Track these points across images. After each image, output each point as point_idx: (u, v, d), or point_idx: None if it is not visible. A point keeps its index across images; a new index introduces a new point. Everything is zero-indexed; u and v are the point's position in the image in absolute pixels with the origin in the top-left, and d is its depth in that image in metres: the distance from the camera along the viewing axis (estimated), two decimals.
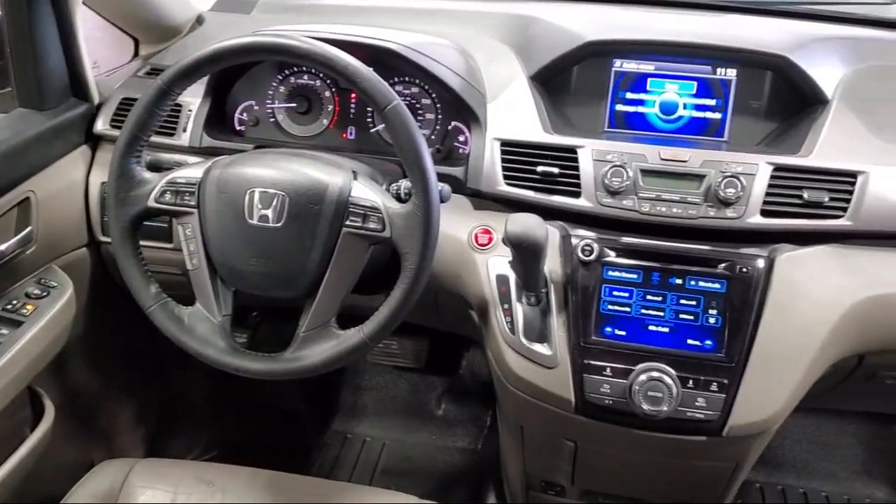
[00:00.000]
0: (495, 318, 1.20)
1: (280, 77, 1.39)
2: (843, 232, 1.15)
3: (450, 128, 1.34)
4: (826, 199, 1.14)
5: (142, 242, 1.13)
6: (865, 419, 2.10)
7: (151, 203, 1.09)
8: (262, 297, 1.10)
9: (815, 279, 1.14)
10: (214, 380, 1.86)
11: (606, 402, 1.14)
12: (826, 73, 1.25)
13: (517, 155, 1.22)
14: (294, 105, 1.38)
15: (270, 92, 1.40)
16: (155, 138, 1.19)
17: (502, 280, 1.19)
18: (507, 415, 1.41)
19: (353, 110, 1.38)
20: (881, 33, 1.43)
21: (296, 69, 1.39)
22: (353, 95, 1.38)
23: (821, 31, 1.36)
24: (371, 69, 1.02)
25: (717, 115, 1.30)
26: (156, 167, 1.14)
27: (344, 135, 1.39)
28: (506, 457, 1.58)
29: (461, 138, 1.33)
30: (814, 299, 1.13)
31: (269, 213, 1.05)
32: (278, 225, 1.05)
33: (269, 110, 1.40)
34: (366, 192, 1.05)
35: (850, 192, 1.14)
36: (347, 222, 1.04)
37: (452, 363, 2.22)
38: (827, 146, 1.17)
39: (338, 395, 2.24)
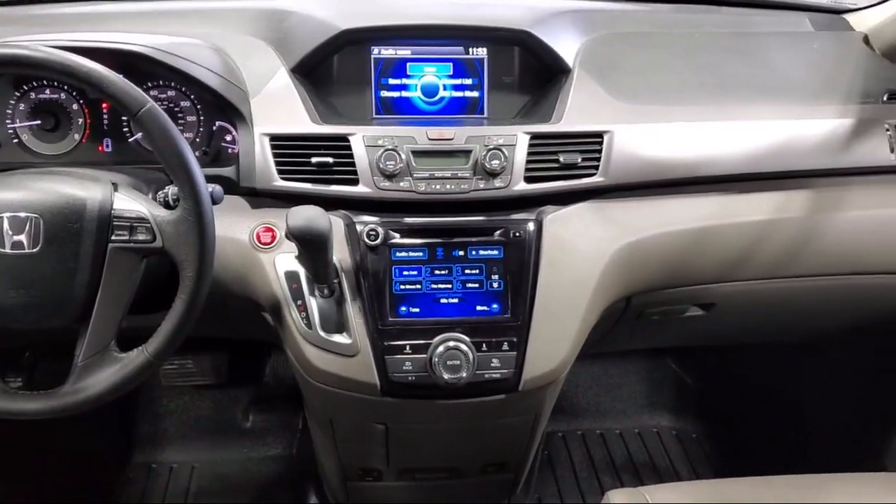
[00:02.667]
0: (290, 316, 1.18)
1: (18, 93, 1.27)
2: (598, 188, 1.26)
3: (214, 128, 1.29)
4: (579, 159, 1.24)
5: None
6: (642, 357, 2.33)
7: None
8: (31, 332, 1.01)
9: (580, 234, 1.24)
10: None
11: (410, 378, 1.17)
12: (565, 44, 1.35)
13: (289, 148, 1.20)
14: (39, 122, 1.27)
15: (9, 111, 1.27)
16: None
17: (292, 276, 1.18)
18: (315, 411, 1.40)
19: (106, 121, 1.29)
20: (609, 5, 1.57)
21: (35, 83, 1.27)
22: (105, 105, 1.29)
23: (557, 4, 1.47)
24: (118, 74, 0.96)
25: (476, 94, 1.37)
26: None
27: (100, 148, 1.29)
28: (320, 454, 1.57)
29: (228, 138, 1.29)
30: (581, 252, 1.23)
31: (23, 238, 0.96)
32: (35, 250, 0.96)
33: (11, 131, 1.27)
34: (129, 202, 0.99)
35: (599, 152, 1.25)
36: (113, 237, 0.98)
37: (255, 372, 2.16)
38: (573, 112, 1.27)
39: (136, 426, 2.10)
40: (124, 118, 1.29)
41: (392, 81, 1.36)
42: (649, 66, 1.41)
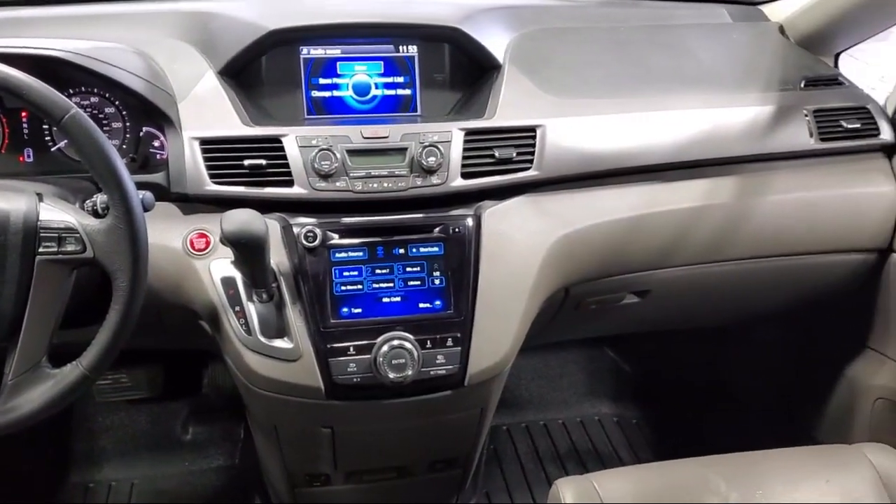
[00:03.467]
0: (228, 323, 1.16)
1: None
2: (533, 182, 1.28)
3: (142, 134, 1.26)
4: (514, 154, 1.25)
5: None
6: (581, 347, 2.37)
7: None
8: None
9: (518, 228, 1.25)
10: None
11: (355, 380, 1.16)
12: (494, 40, 1.37)
13: (220, 152, 1.18)
14: None
15: None
16: None
17: (228, 282, 1.16)
18: (258, 419, 1.37)
19: (26, 130, 1.24)
20: (536, 1, 1.59)
21: None
22: (24, 113, 1.24)
23: (485, 1, 1.48)
24: (39, 80, 0.92)
25: (408, 91, 1.37)
26: None
27: (21, 158, 1.24)
28: (265, 462, 1.54)
29: (156, 143, 1.26)
30: (519, 246, 1.24)
31: None
32: None
33: None
34: (56, 212, 0.95)
35: (533, 146, 1.27)
36: (41, 249, 0.94)
37: (193, 383, 2.11)
38: (506, 107, 1.28)
39: (70, 445, 2.02)
40: (46, 126, 1.24)
41: (323, 81, 1.34)
42: (578, 61, 1.43)
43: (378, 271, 1.19)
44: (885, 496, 1.15)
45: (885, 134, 1.47)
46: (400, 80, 1.36)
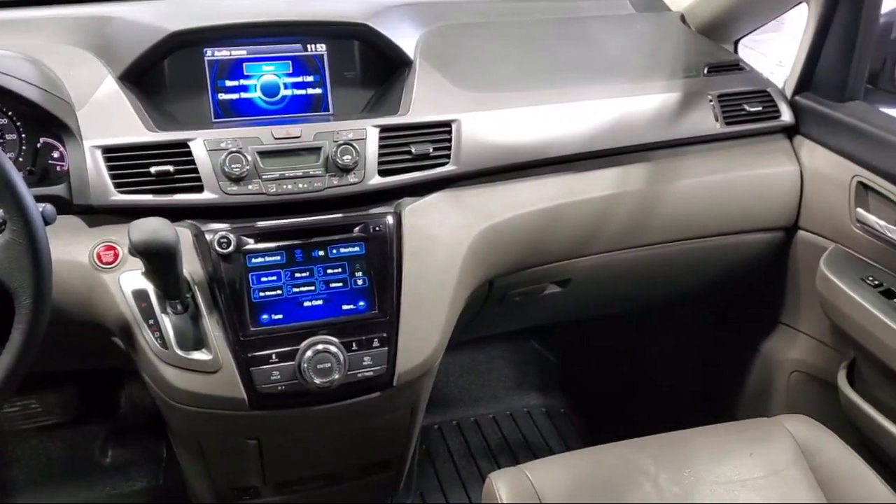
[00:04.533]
0: (142, 337, 1.11)
1: None
2: (451, 176, 1.27)
3: (39, 145, 1.19)
4: (431, 150, 1.25)
5: None
6: (507, 340, 2.39)
7: None
8: None
9: (439, 223, 1.25)
10: None
11: (279, 388, 1.13)
12: (404, 36, 1.36)
13: (124, 160, 1.13)
14: None
15: None
16: None
17: (140, 295, 1.11)
18: (181, 435, 1.32)
19: None
20: None
21: None
22: None
23: None
24: None
25: (319, 91, 1.34)
26: None
27: None
28: (191, 479, 1.49)
29: (55, 154, 1.19)
30: (441, 241, 1.23)
31: None
32: None
33: None
34: None
35: (449, 141, 1.27)
36: None
37: (110, 403, 2.03)
38: (420, 102, 1.27)
39: None
40: None
41: (229, 83, 1.31)
42: (488, 56, 1.44)
43: (298, 275, 1.16)
44: (805, 464, 1.20)
45: (786, 115, 1.53)
46: (310, 79, 1.33)
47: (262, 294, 1.15)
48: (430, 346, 1.21)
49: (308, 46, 1.33)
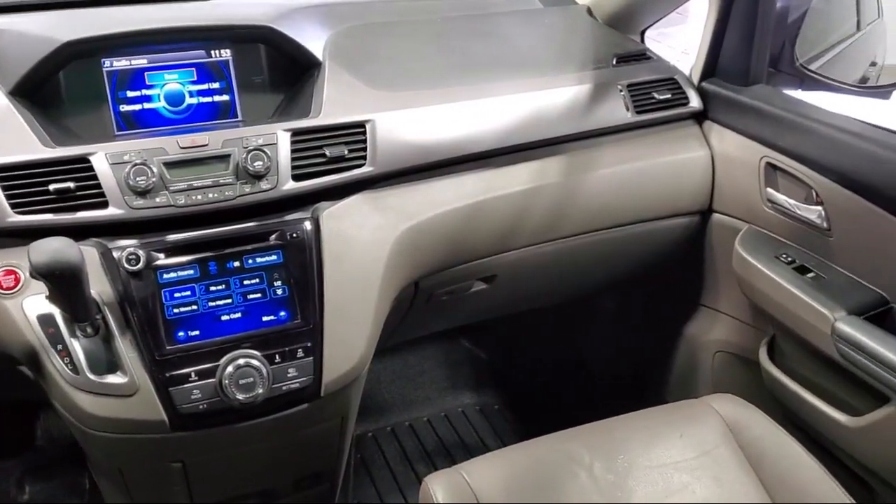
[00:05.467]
0: (51, 364, 1.05)
1: None
2: (368, 178, 1.25)
3: None
4: (346, 151, 1.22)
5: None
6: (438, 341, 2.37)
7: None
8: None
9: (359, 226, 1.22)
10: None
11: (201, 407, 1.09)
12: (311, 38, 1.33)
13: (20, 178, 1.06)
14: None
15: None
16: None
17: (46, 320, 1.05)
18: (100, 464, 1.26)
19: None
20: None
21: None
22: None
23: (297, 0, 1.43)
24: None
25: (226, 97, 1.30)
26: None
27: None
28: None
29: None
30: (363, 244, 1.21)
31: None
32: None
33: None
34: None
35: (364, 142, 1.24)
36: None
37: (24, 437, 1.92)
38: (331, 104, 1.25)
39: None
40: None
41: (131, 94, 1.25)
42: (399, 54, 1.43)
43: (213, 288, 1.12)
44: (734, 442, 1.22)
45: (694, 102, 1.56)
46: (215, 85, 1.29)
47: (176, 310, 1.10)
48: (357, 352, 1.19)
49: (212, 52, 1.29)
